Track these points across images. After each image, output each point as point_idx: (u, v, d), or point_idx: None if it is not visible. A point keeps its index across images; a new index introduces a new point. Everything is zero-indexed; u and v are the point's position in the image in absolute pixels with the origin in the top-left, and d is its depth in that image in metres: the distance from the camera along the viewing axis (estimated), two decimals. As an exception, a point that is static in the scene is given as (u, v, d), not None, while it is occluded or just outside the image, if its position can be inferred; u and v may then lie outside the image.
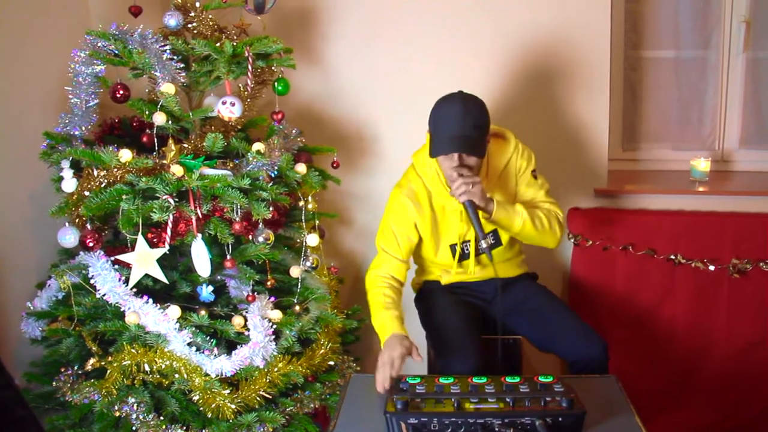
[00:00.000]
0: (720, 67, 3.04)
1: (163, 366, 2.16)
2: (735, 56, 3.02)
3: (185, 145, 2.28)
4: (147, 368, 2.16)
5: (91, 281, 2.19)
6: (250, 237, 2.29)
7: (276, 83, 2.45)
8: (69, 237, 2.23)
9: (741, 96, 3.07)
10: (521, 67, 2.87)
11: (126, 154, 2.12)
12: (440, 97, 2.21)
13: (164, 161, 2.16)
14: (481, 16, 2.85)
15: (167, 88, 2.15)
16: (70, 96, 2.24)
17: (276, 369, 2.27)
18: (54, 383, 2.24)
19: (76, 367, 2.26)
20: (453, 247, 2.39)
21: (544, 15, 2.82)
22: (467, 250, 2.40)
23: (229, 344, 2.25)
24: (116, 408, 2.16)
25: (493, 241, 2.33)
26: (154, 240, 2.19)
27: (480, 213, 2.21)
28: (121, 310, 2.17)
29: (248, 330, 2.21)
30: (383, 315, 2.21)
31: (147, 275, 2.17)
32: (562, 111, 2.91)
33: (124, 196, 2.09)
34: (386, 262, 2.37)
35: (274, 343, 2.25)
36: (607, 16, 2.80)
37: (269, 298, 2.35)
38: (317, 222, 2.55)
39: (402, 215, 2.36)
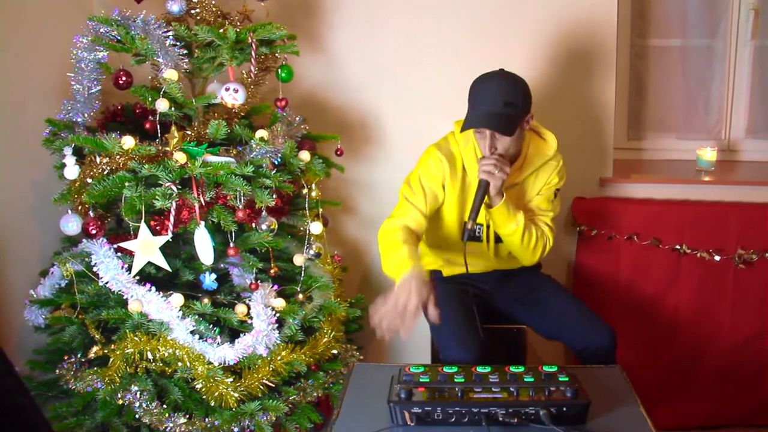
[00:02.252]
0: (727, 56, 3.02)
1: (166, 354, 2.16)
2: (743, 45, 3.00)
3: (188, 132, 2.27)
4: (150, 356, 2.16)
5: (94, 269, 2.19)
6: (254, 225, 2.29)
7: (279, 70, 2.44)
8: (72, 224, 2.22)
9: (748, 85, 3.05)
10: (527, 55, 2.85)
11: (129, 141, 2.11)
12: (481, 74, 2.19)
13: (167, 148, 2.15)
14: (485, 4, 2.83)
15: (170, 74, 2.14)
16: (73, 82, 2.23)
17: (279, 357, 2.27)
18: (57, 371, 2.24)
19: (79, 355, 2.25)
20: (465, 223, 2.34)
21: (550, 2, 2.79)
22: (479, 232, 2.36)
23: (232, 332, 2.25)
24: (119, 396, 2.16)
25: (469, 226, 2.19)
26: (157, 227, 2.18)
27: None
28: (124, 297, 2.16)
29: (251, 318, 2.21)
30: (400, 251, 2.06)
31: (150, 263, 2.17)
32: (568, 99, 2.89)
33: (126, 184, 2.09)
34: (407, 212, 2.25)
35: (277, 331, 2.24)
36: (613, 3, 2.78)
37: (272, 287, 2.34)
38: (321, 210, 2.53)
39: (434, 171, 2.28)
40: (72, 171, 2.20)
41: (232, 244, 2.23)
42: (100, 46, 2.21)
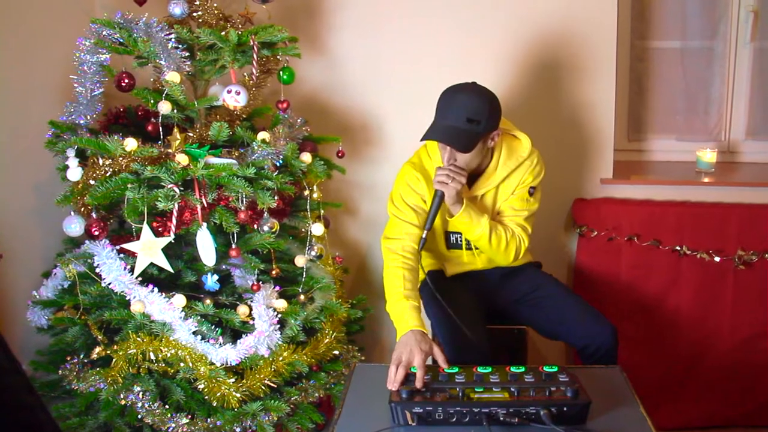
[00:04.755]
0: (727, 58, 3.02)
1: (169, 355, 2.17)
2: (742, 46, 3.00)
3: (190, 134, 2.27)
4: (152, 357, 2.17)
5: (97, 270, 2.20)
6: (255, 226, 2.30)
7: (281, 72, 2.45)
8: (74, 226, 2.23)
9: (747, 86, 3.06)
10: (528, 57, 2.86)
11: (131, 143, 2.12)
12: (452, 84, 2.19)
13: (169, 150, 2.16)
14: (487, 5, 2.84)
15: (172, 76, 2.15)
16: (75, 85, 2.25)
17: (281, 358, 2.28)
18: (60, 372, 2.25)
19: (81, 356, 2.27)
20: (447, 233, 2.38)
21: (551, 4, 2.80)
22: (459, 240, 2.38)
23: (234, 333, 2.26)
24: (122, 396, 2.17)
25: (425, 236, 2.22)
26: (160, 229, 2.19)
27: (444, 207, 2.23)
28: (127, 298, 2.17)
29: (253, 319, 2.22)
30: (401, 305, 2.09)
31: (152, 264, 2.17)
32: (568, 101, 2.90)
33: (129, 185, 2.10)
34: (401, 229, 2.28)
35: (279, 332, 2.25)
36: (613, 5, 2.79)
37: (274, 288, 2.35)
38: (322, 211, 2.54)
39: (413, 189, 2.31)
40: (75, 173, 2.20)
41: (234, 246, 2.23)
42: (102, 49, 2.22)
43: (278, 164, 2.29)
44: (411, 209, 2.30)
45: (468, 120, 2.10)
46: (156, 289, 2.17)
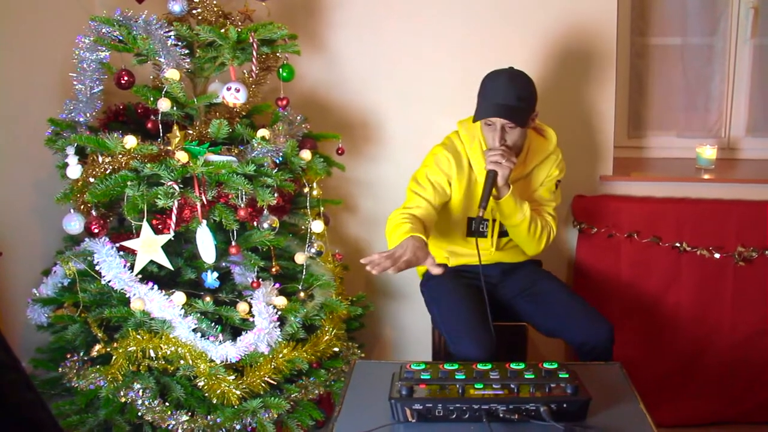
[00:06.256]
0: (727, 54, 3.02)
1: (169, 352, 2.17)
2: (742, 43, 3.00)
3: (190, 132, 2.27)
4: (152, 354, 2.17)
5: (97, 268, 2.20)
6: (255, 223, 2.30)
7: (281, 69, 2.45)
8: (74, 223, 2.23)
9: (748, 83, 3.05)
10: (527, 54, 2.85)
11: (131, 141, 2.12)
12: (492, 70, 2.26)
13: (169, 147, 2.16)
14: (485, 3, 2.83)
15: (172, 74, 2.15)
16: (75, 82, 2.25)
17: (281, 355, 2.28)
18: (60, 369, 2.25)
19: (81, 353, 2.27)
20: (470, 219, 2.39)
21: (550, 2, 2.80)
22: (484, 228, 2.39)
23: (234, 330, 2.26)
24: (122, 394, 2.17)
25: (481, 214, 2.21)
26: (159, 226, 2.19)
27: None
28: (127, 296, 2.18)
29: (253, 316, 2.22)
30: (401, 227, 2.09)
31: (152, 262, 2.18)
32: (568, 98, 2.90)
33: (129, 183, 2.10)
34: (415, 203, 2.26)
35: (279, 329, 2.25)
36: (613, 2, 2.78)
37: (274, 285, 2.35)
38: (322, 208, 2.54)
39: (441, 167, 2.32)
40: (74, 170, 2.21)
41: (233, 243, 2.24)
42: (102, 47, 2.23)
43: (278, 161, 2.29)
44: (431, 185, 2.30)
45: (518, 98, 2.19)
46: (156, 287, 2.18)
